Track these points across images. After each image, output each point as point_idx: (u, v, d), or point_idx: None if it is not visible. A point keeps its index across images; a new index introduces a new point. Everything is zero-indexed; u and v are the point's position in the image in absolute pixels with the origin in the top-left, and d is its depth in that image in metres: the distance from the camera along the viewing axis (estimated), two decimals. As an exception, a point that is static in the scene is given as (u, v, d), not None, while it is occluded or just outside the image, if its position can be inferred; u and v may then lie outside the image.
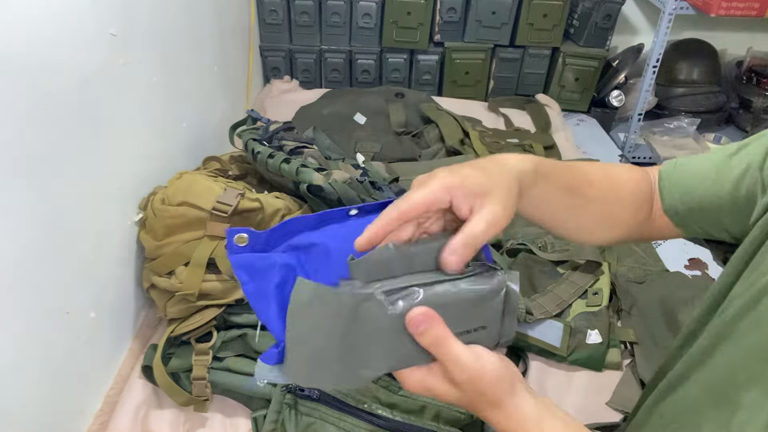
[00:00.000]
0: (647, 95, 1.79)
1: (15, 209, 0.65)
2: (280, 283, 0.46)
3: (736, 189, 0.54)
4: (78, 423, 0.82)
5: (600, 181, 0.60)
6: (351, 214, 0.51)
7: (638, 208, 0.62)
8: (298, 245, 0.48)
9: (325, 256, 0.48)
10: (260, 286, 0.45)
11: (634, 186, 0.62)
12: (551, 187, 0.54)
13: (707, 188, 0.57)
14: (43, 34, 0.68)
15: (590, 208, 0.59)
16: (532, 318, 0.97)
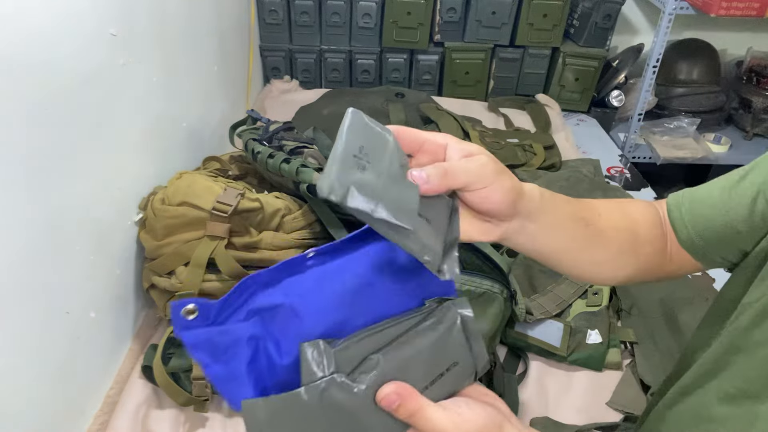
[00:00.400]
0: (647, 95, 1.79)
1: (15, 209, 0.65)
2: (251, 359, 0.40)
3: (750, 214, 0.52)
4: (78, 423, 0.82)
5: (611, 212, 0.57)
6: (308, 257, 0.45)
7: (653, 241, 0.59)
8: (260, 308, 0.42)
9: (293, 317, 0.42)
10: (230, 368, 0.40)
11: (647, 218, 0.59)
12: (558, 213, 0.52)
13: (722, 216, 0.55)
14: (43, 34, 0.68)
15: (603, 240, 0.56)
16: (532, 318, 0.97)
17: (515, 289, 0.91)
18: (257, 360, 0.40)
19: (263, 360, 0.41)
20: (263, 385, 0.41)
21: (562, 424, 0.86)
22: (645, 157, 1.89)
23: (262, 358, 0.40)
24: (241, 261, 0.87)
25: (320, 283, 0.43)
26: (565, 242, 0.53)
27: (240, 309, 0.42)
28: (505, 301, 0.88)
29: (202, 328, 0.40)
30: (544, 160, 1.48)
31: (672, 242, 0.59)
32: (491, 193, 0.43)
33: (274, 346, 0.41)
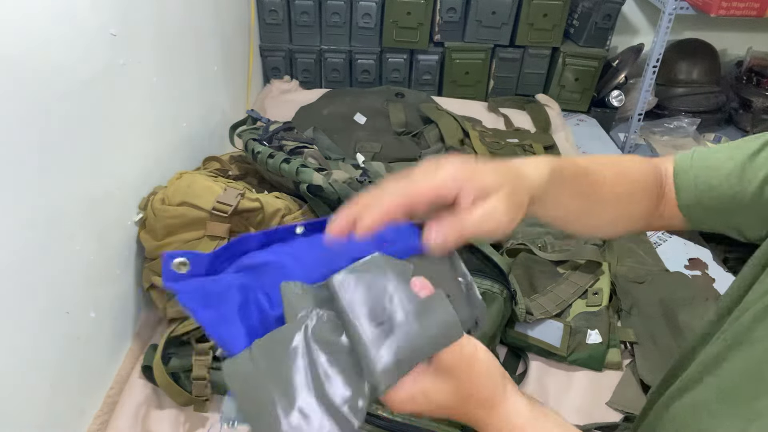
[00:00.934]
0: (647, 95, 1.79)
1: (15, 209, 0.65)
2: (242, 305, 0.40)
3: (760, 192, 0.52)
4: (78, 423, 0.82)
5: (614, 182, 0.58)
6: (297, 232, 0.47)
7: (649, 203, 0.60)
8: (250, 265, 0.44)
9: (282, 272, 0.43)
10: (221, 312, 0.40)
11: (645, 181, 0.60)
12: (566, 194, 0.53)
13: (730, 187, 0.55)
14: (43, 35, 0.68)
15: (605, 209, 0.58)
16: (532, 318, 0.97)
17: (515, 289, 0.91)
18: (248, 307, 0.41)
19: (254, 309, 0.40)
20: (254, 332, 0.40)
21: (562, 424, 0.86)
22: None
23: (252, 307, 0.41)
24: (241, 261, 0.88)
25: (307, 249, 0.45)
26: (567, 215, 0.55)
27: (230, 263, 0.43)
28: (505, 301, 0.89)
29: (193, 278, 0.40)
30: (544, 160, 1.47)
31: (669, 202, 0.60)
32: (506, 229, 0.43)
33: (264, 297, 0.42)
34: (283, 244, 0.46)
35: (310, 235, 0.47)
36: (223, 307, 0.40)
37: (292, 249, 0.45)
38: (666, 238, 1.30)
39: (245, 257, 0.44)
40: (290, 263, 0.43)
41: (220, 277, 0.42)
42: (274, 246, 0.46)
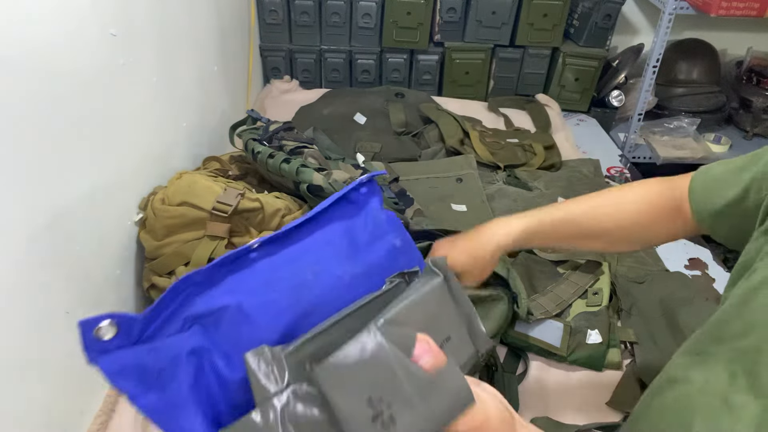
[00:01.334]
0: (647, 95, 1.79)
1: (15, 209, 0.65)
2: (195, 379, 0.32)
3: (746, 189, 0.58)
4: (78, 423, 0.82)
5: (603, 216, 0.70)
6: (252, 249, 0.38)
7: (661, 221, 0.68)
8: (200, 314, 0.34)
9: (242, 320, 0.35)
10: (168, 395, 0.31)
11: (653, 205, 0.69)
12: (551, 240, 0.69)
13: (721, 189, 0.61)
14: (43, 35, 0.68)
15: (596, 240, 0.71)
16: (532, 318, 0.97)
17: (516, 291, 0.91)
18: (203, 380, 0.33)
19: (211, 379, 0.33)
20: (215, 409, 0.33)
21: (562, 424, 0.86)
22: (645, 157, 1.89)
23: (209, 377, 0.33)
24: (241, 261, 0.88)
25: (271, 276, 0.37)
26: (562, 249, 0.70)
27: (174, 317, 0.34)
28: (508, 302, 0.89)
29: (126, 349, 0.31)
30: (544, 160, 1.48)
31: (686, 215, 0.67)
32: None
33: (223, 359, 0.34)
34: (239, 276, 0.37)
35: (268, 255, 0.38)
36: (171, 387, 0.31)
37: (250, 282, 0.37)
38: (666, 238, 1.30)
39: (193, 301, 0.35)
40: (251, 306, 0.35)
41: (162, 343, 0.32)
42: (228, 280, 0.36)
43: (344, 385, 0.30)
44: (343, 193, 0.44)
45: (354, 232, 0.42)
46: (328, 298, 0.38)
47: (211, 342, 0.34)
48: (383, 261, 0.42)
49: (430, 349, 0.34)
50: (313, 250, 0.40)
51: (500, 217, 0.75)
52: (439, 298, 0.37)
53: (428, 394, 0.31)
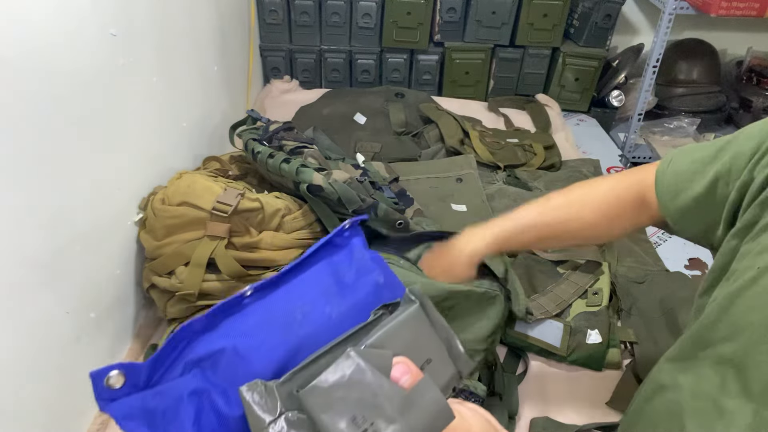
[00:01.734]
0: (647, 95, 1.79)
1: (15, 209, 0.65)
2: (196, 418, 0.36)
3: (711, 185, 0.57)
4: (78, 423, 0.82)
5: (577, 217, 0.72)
6: (245, 296, 0.42)
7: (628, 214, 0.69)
8: (199, 358, 0.38)
9: (237, 361, 0.38)
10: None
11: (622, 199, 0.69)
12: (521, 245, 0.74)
13: (692, 189, 0.60)
14: (43, 35, 0.68)
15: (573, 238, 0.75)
16: (532, 318, 0.97)
17: (510, 289, 0.91)
18: (204, 418, 0.36)
19: (212, 417, 0.36)
20: None
21: (562, 424, 0.86)
22: (645, 157, 1.89)
23: (209, 415, 0.36)
24: (241, 261, 0.87)
25: (263, 318, 0.40)
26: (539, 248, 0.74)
27: (175, 363, 0.38)
28: (505, 300, 0.89)
29: (133, 395, 0.35)
30: (544, 160, 1.48)
31: (653, 207, 0.66)
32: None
33: (222, 398, 0.37)
34: (234, 320, 0.40)
35: (260, 299, 0.42)
36: (175, 426, 0.35)
37: (244, 325, 0.40)
38: (666, 238, 1.30)
39: (192, 347, 0.39)
40: (246, 347, 0.39)
41: (165, 387, 0.36)
42: (224, 324, 0.40)
43: (328, 406, 0.32)
44: (329, 239, 0.49)
45: (339, 272, 0.46)
46: (317, 335, 0.41)
47: (210, 383, 0.37)
48: (368, 297, 0.45)
49: (409, 369, 0.36)
50: (302, 291, 0.44)
51: (473, 227, 0.80)
52: (416, 324, 0.39)
53: (408, 411, 0.33)
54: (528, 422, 0.88)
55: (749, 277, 0.48)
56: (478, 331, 0.85)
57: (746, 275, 0.48)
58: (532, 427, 0.87)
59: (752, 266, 0.48)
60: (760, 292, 0.47)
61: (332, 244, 0.49)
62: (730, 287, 0.50)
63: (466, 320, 0.84)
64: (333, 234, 0.50)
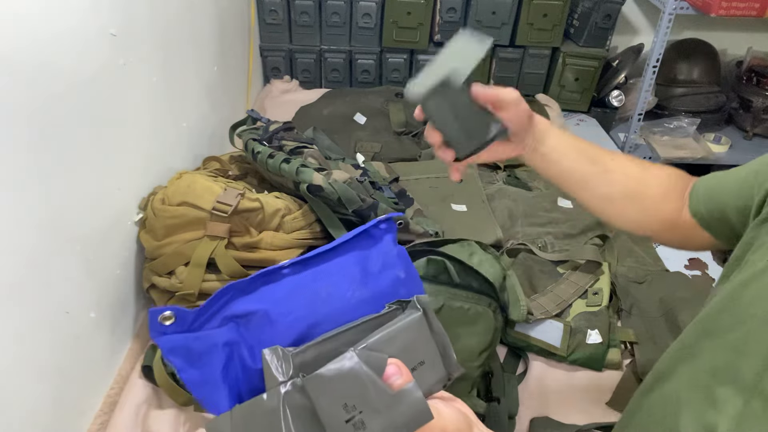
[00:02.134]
0: (647, 95, 1.79)
1: (15, 209, 0.65)
2: (225, 364, 0.42)
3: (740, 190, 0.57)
4: (78, 423, 0.82)
5: (625, 162, 0.68)
6: (284, 271, 0.49)
7: (665, 196, 0.66)
8: (235, 314, 0.45)
9: (266, 323, 0.45)
10: (204, 373, 0.42)
11: (663, 183, 0.66)
12: (563, 141, 0.67)
13: (729, 194, 0.60)
14: (43, 34, 0.68)
15: (609, 178, 0.67)
16: (532, 318, 0.97)
17: (505, 302, 0.89)
18: (232, 365, 0.42)
19: (238, 365, 0.42)
20: (238, 390, 0.42)
21: (562, 424, 0.86)
22: (645, 157, 1.89)
23: (236, 364, 0.42)
24: (241, 261, 0.87)
25: (293, 291, 0.46)
26: (572, 170, 0.67)
27: (216, 315, 0.44)
28: (495, 313, 0.86)
29: (178, 334, 0.42)
30: (544, 160, 1.47)
31: (686, 211, 0.65)
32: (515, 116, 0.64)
33: (248, 352, 0.43)
34: (270, 287, 0.47)
35: (296, 273, 0.49)
36: (207, 368, 0.42)
37: (276, 293, 0.47)
38: (666, 238, 1.30)
39: (232, 304, 0.45)
40: (275, 313, 0.45)
41: (204, 333, 0.43)
42: (261, 289, 0.47)
43: (325, 393, 0.38)
44: (366, 228, 0.55)
45: (367, 262, 0.52)
46: (336, 315, 0.47)
47: (241, 337, 0.44)
48: (387, 289, 0.50)
49: (400, 371, 0.40)
50: (331, 273, 0.50)
51: None
52: (416, 330, 0.45)
53: (392, 407, 0.39)
54: (528, 422, 0.88)
55: (758, 268, 0.48)
56: (468, 348, 0.82)
57: (756, 266, 0.49)
58: (532, 427, 0.87)
59: (760, 258, 0.49)
60: (767, 284, 0.47)
61: (367, 234, 0.55)
62: (740, 278, 0.51)
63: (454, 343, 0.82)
64: (370, 225, 0.55)
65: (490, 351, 0.86)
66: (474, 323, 0.83)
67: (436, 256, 0.84)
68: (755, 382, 0.46)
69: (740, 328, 0.48)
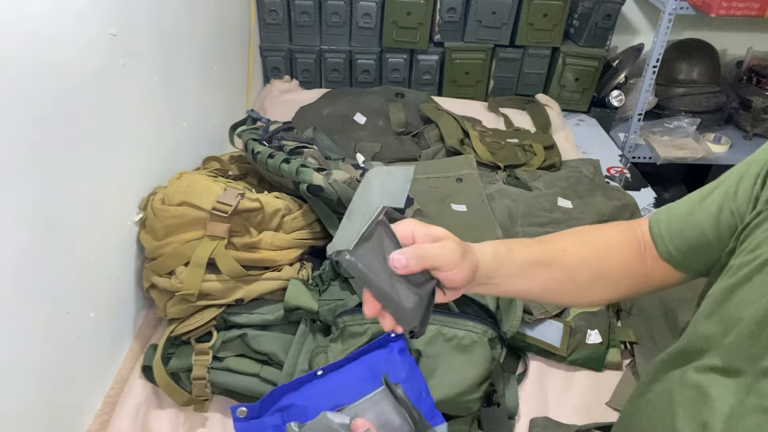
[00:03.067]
0: (647, 95, 1.79)
1: (15, 209, 0.65)
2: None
3: (717, 224, 0.56)
4: (78, 423, 0.82)
5: (578, 246, 0.63)
6: (318, 374, 0.72)
7: (628, 263, 0.63)
8: (281, 407, 0.69)
9: (301, 413, 0.68)
10: None
11: (622, 242, 0.64)
12: (514, 265, 0.59)
13: (693, 228, 0.59)
14: (44, 35, 0.68)
15: (571, 273, 0.62)
16: (532, 318, 0.97)
17: (506, 332, 0.88)
18: None
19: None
20: None
21: (562, 424, 0.86)
22: (645, 157, 1.89)
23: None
24: (241, 261, 0.87)
25: (323, 388, 0.71)
26: (531, 284, 0.61)
27: (272, 408, 0.69)
28: (491, 342, 0.84)
29: (248, 422, 0.67)
30: (544, 160, 1.47)
31: (653, 258, 0.62)
32: (456, 275, 0.53)
33: None
34: (308, 386, 0.72)
35: (326, 375, 0.73)
36: None
37: (312, 392, 0.71)
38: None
39: (282, 399, 0.69)
40: (307, 406, 0.68)
41: (261, 420, 0.68)
42: (302, 388, 0.71)
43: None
44: (380, 341, 0.78)
45: (376, 367, 0.74)
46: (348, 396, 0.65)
47: (282, 422, 0.67)
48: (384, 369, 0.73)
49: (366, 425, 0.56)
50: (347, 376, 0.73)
51: None
52: (383, 399, 0.64)
53: None
54: (528, 422, 0.88)
55: (743, 273, 0.49)
56: (468, 380, 0.81)
57: (741, 272, 0.50)
58: (531, 427, 0.87)
59: (746, 263, 0.50)
60: (753, 288, 0.48)
61: (380, 344, 0.78)
62: (726, 283, 0.51)
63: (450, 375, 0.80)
64: (383, 338, 0.79)
65: (490, 378, 0.84)
66: (469, 352, 0.82)
67: None
68: (751, 380, 0.47)
69: (730, 332, 0.49)
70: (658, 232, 0.62)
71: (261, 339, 0.87)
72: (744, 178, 0.55)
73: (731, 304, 0.50)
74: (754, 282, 0.48)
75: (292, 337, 0.88)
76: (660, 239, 0.61)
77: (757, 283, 0.48)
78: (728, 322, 0.50)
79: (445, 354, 0.81)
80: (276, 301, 0.91)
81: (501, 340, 0.85)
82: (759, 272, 0.48)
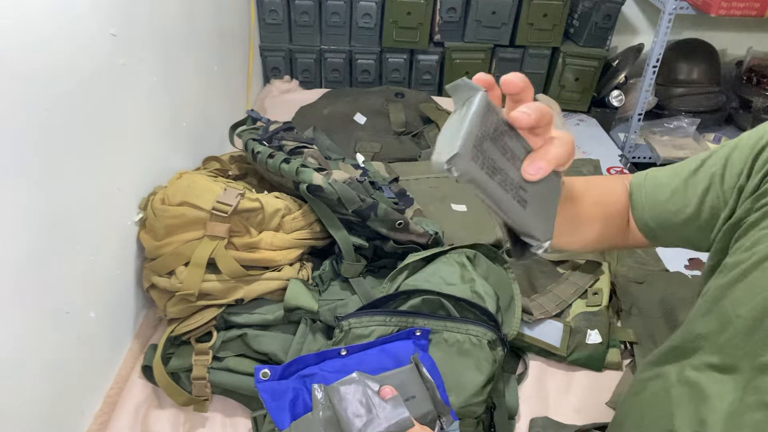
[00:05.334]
0: (647, 95, 1.79)
1: (15, 209, 0.65)
2: (292, 399, 0.66)
3: (701, 204, 0.57)
4: (78, 423, 0.82)
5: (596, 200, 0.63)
6: (342, 354, 0.74)
7: (622, 214, 0.64)
8: (304, 374, 0.71)
9: (321, 379, 0.70)
10: (279, 404, 0.65)
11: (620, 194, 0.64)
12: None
13: (674, 204, 0.59)
14: (44, 35, 0.68)
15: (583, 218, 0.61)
16: (532, 318, 0.97)
17: (506, 334, 0.87)
18: (297, 402, 0.66)
19: (300, 403, 0.66)
20: (297, 415, 0.64)
21: (562, 424, 0.86)
22: (645, 157, 1.89)
23: (300, 402, 0.66)
24: (241, 261, 0.87)
25: (343, 365, 0.73)
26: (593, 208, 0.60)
27: (293, 372, 0.70)
28: (491, 344, 0.83)
29: (270, 383, 0.67)
30: (544, 160, 1.47)
31: (631, 220, 0.64)
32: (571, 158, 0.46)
33: (309, 397, 0.66)
34: (330, 361, 0.73)
35: (349, 355, 0.75)
36: (281, 400, 0.65)
37: (334, 366, 0.72)
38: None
39: (304, 369, 0.71)
40: (330, 379, 0.69)
41: (284, 382, 0.69)
42: (324, 363, 0.73)
43: (340, 399, 0.61)
44: (404, 333, 0.80)
45: (399, 356, 0.76)
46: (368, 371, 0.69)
47: (304, 387, 0.68)
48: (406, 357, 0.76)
49: (393, 392, 0.60)
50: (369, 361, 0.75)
51: None
52: (408, 374, 0.67)
53: (383, 410, 0.60)
54: (528, 422, 0.88)
55: (739, 271, 0.50)
56: (473, 383, 0.80)
57: (736, 269, 0.50)
58: (531, 427, 0.87)
59: (742, 260, 0.50)
60: (749, 285, 0.49)
61: (405, 336, 0.80)
62: (721, 281, 0.52)
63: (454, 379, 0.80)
64: (407, 331, 0.80)
65: (493, 383, 0.84)
66: (471, 355, 0.82)
67: (430, 295, 0.84)
68: (748, 378, 0.48)
69: (727, 329, 0.50)
70: (639, 200, 0.62)
71: (261, 339, 0.87)
72: (730, 161, 0.55)
73: (727, 302, 0.50)
74: (750, 279, 0.49)
75: (292, 337, 0.88)
76: (639, 206, 0.62)
77: (753, 280, 0.48)
78: (724, 320, 0.50)
79: (447, 359, 0.81)
80: (276, 301, 0.91)
81: (503, 342, 0.85)
82: (755, 269, 0.48)
